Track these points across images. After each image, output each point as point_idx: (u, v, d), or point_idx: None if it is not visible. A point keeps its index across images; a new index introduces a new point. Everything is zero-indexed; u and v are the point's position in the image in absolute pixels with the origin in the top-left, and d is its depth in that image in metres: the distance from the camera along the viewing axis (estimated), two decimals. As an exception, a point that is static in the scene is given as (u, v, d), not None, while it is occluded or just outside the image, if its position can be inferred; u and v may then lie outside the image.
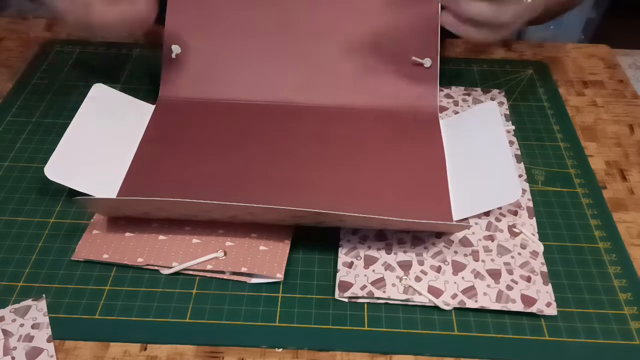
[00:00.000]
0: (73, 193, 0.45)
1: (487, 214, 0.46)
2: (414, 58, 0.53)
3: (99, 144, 0.48)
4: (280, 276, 0.41)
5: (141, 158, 0.49)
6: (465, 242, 0.44)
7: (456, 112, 0.55)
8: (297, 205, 0.42)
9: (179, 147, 0.50)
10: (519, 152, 0.51)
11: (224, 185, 0.47)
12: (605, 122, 0.56)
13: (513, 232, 0.45)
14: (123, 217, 0.45)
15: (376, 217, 0.39)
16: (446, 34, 0.52)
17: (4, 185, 0.48)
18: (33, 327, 0.39)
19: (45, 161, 0.44)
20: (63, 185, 0.44)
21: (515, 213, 0.46)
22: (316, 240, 0.44)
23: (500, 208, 0.46)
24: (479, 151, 0.48)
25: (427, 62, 0.53)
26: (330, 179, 0.47)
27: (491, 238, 0.44)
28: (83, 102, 0.49)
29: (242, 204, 0.40)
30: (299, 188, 0.47)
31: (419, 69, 0.54)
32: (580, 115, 0.57)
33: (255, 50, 0.54)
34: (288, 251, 0.43)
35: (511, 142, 0.52)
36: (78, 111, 0.49)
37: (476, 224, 0.45)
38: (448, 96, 0.57)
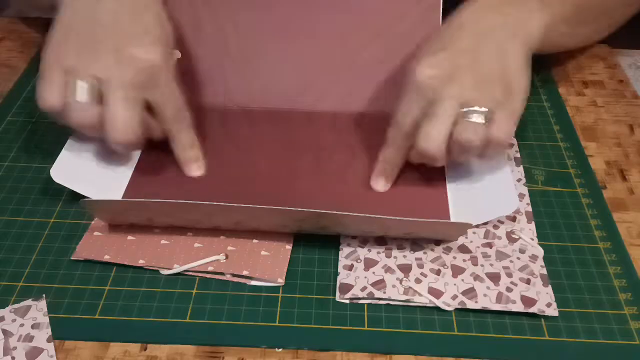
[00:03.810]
0: (73, 193, 0.45)
1: (485, 222, 0.46)
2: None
3: (103, 148, 0.48)
4: (281, 281, 0.41)
5: (144, 163, 0.49)
6: (463, 249, 0.44)
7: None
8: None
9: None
10: (518, 155, 0.51)
11: (227, 191, 0.46)
12: (605, 122, 0.56)
13: (512, 238, 0.44)
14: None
15: (378, 217, 0.39)
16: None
17: (4, 185, 0.48)
18: (33, 327, 0.39)
19: (45, 161, 0.44)
20: (64, 186, 0.44)
21: (513, 219, 0.46)
22: (316, 241, 0.44)
23: None
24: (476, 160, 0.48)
25: None
26: (330, 189, 0.47)
27: (490, 245, 0.44)
28: None
29: (245, 205, 0.39)
30: (300, 194, 0.47)
31: None
32: (580, 115, 0.57)
33: (256, 55, 0.54)
34: (289, 256, 0.43)
35: (511, 144, 0.52)
36: None
37: (474, 232, 0.45)
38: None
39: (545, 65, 0.62)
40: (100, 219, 0.45)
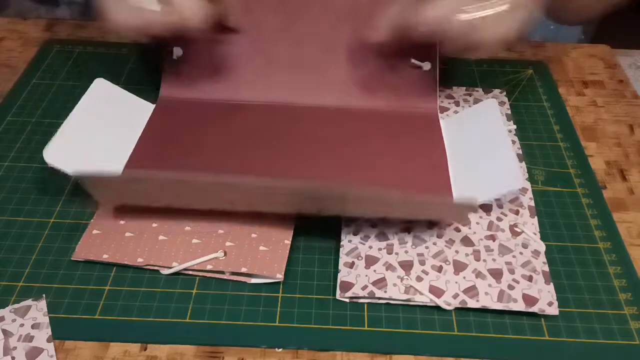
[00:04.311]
0: (73, 193, 0.45)
1: (488, 213, 0.46)
2: (413, 61, 0.53)
3: (99, 135, 0.48)
4: (280, 276, 0.41)
5: (139, 154, 0.49)
6: (466, 241, 0.44)
7: (457, 112, 0.55)
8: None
9: (177, 146, 0.50)
10: (520, 152, 0.51)
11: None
12: (605, 122, 0.56)
13: (514, 231, 0.45)
14: (123, 217, 0.45)
15: (379, 190, 0.39)
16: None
17: (4, 185, 0.48)
18: (33, 327, 0.39)
19: (45, 161, 0.44)
20: (63, 186, 0.44)
21: (517, 212, 0.46)
22: (316, 241, 0.44)
23: (501, 207, 0.46)
24: (480, 146, 0.48)
25: (426, 66, 0.53)
26: (331, 179, 0.47)
27: (492, 237, 0.44)
28: (84, 95, 0.49)
29: (244, 180, 0.39)
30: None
31: (419, 72, 0.54)
32: (580, 115, 0.57)
33: (256, 52, 0.54)
34: (288, 251, 0.43)
35: (512, 142, 0.52)
36: (79, 102, 0.48)
37: (477, 223, 0.45)
38: (449, 97, 0.57)
39: (545, 65, 0.62)
40: (96, 197, 0.44)
